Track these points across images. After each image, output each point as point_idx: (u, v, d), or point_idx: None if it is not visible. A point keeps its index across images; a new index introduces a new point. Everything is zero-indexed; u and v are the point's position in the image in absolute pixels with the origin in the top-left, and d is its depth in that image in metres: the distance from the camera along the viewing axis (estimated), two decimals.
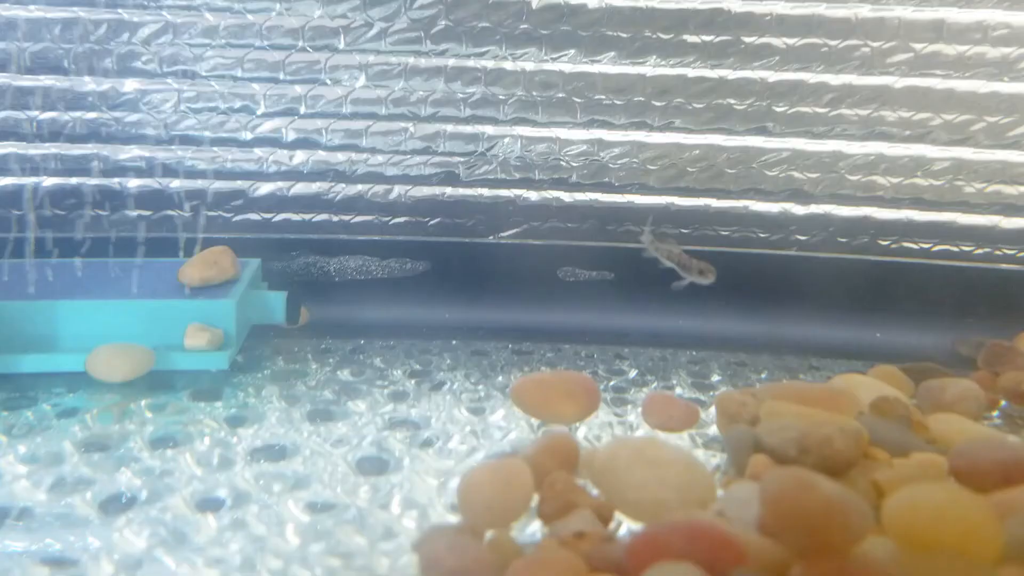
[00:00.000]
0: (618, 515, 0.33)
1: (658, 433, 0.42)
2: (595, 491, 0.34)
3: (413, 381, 0.48)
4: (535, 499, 0.33)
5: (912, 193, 0.60)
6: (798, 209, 0.62)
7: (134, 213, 0.61)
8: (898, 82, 0.59)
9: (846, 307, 0.60)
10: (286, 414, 0.43)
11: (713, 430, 0.42)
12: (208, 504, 0.35)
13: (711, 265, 0.55)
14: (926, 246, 0.61)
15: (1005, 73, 0.58)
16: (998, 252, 0.60)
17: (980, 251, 0.60)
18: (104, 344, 0.46)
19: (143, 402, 0.44)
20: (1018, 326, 0.56)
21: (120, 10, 0.58)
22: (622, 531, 0.33)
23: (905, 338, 0.58)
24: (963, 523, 0.28)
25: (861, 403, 0.42)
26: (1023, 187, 0.59)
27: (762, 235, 0.62)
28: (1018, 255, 0.60)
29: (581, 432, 0.43)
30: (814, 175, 0.61)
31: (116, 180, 0.60)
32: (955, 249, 0.61)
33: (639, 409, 0.44)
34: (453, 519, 0.34)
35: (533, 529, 0.33)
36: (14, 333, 0.47)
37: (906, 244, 0.61)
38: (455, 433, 0.42)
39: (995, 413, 0.46)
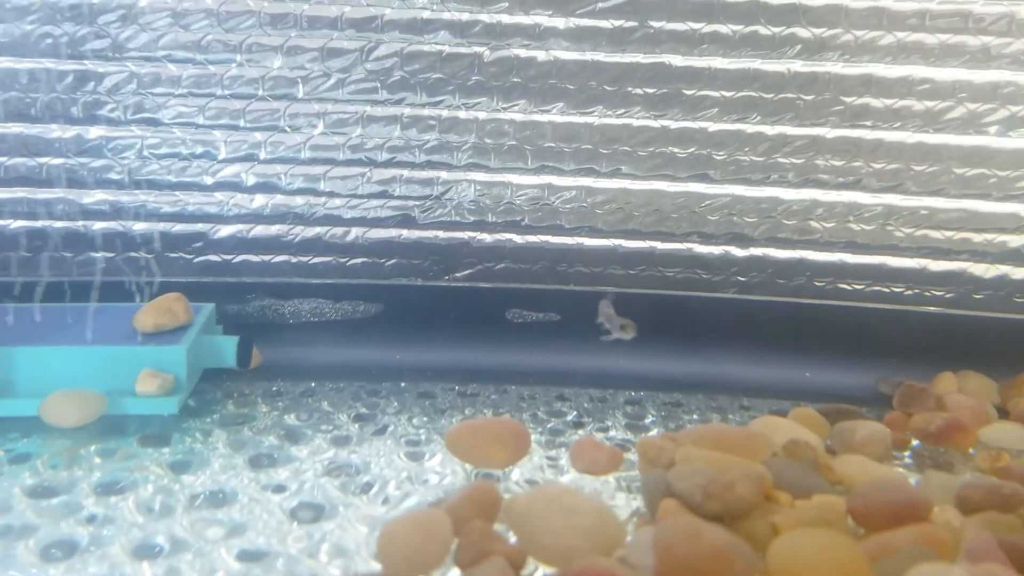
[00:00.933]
0: (533, 561, 0.36)
1: (585, 477, 0.45)
2: (513, 538, 0.37)
3: (357, 425, 0.50)
4: (455, 547, 0.35)
5: (845, 237, 0.63)
6: (738, 251, 0.64)
7: (99, 255, 0.63)
8: (830, 132, 0.61)
9: (780, 347, 0.62)
10: (229, 460, 0.45)
11: (639, 473, 0.44)
12: (145, 552, 0.37)
13: (631, 321, 0.58)
14: (859, 287, 0.64)
15: (930, 125, 0.60)
16: (927, 294, 0.63)
17: (910, 293, 0.63)
18: (58, 389, 0.49)
19: (93, 447, 0.46)
20: (941, 366, 0.58)
21: (86, 61, 0.60)
22: None
23: (833, 377, 0.60)
24: (837, 567, 0.31)
25: (775, 445, 0.44)
26: (949, 232, 0.62)
27: (705, 276, 0.65)
28: (946, 296, 0.63)
29: (515, 475, 0.45)
30: (753, 219, 0.63)
31: (81, 223, 0.63)
32: (887, 291, 0.63)
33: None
34: (374, 568, 0.36)
35: None
36: None
37: (840, 285, 0.64)
38: (391, 479, 0.44)
39: (907, 453, 0.49)
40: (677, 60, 0.61)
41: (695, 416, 0.53)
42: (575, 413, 0.53)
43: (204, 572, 0.35)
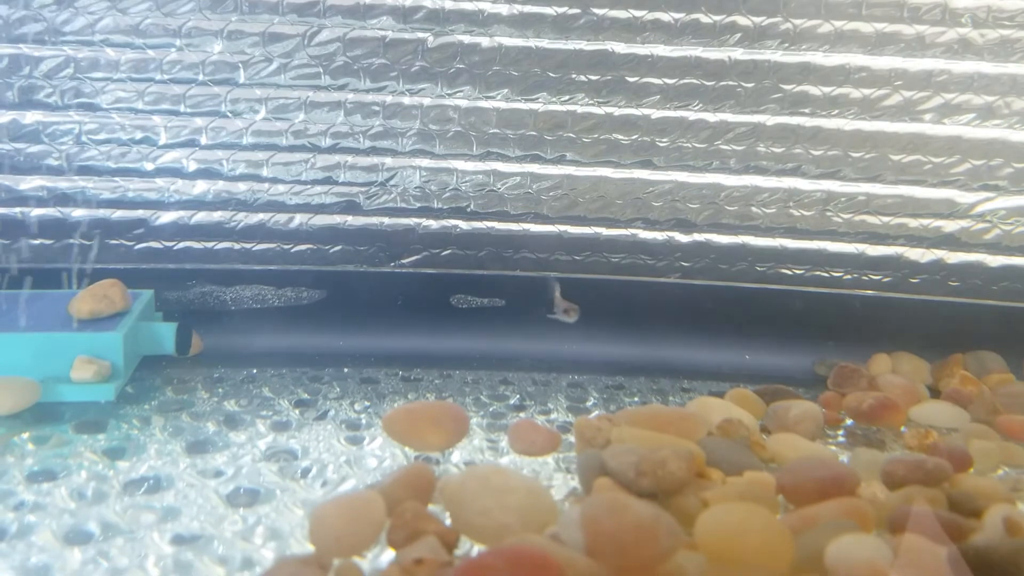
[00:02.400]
0: (466, 540, 0.36)
1: (523, 458, 0.45)
2: (448, 519, 0.37)
3: (298, 411, 0.50)
4: (387, 527, 0.36)
5: (786, 222, 0.64)
6: (682, 237, 0.65)
7: (36, 242, 0.62)
8: (770, 120, 0.62)
9: (721, 331, 0.63)
10: (165, 446, 0.45)
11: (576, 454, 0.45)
12: (75, 538, 0.36)
13: (575, 305, 0.59)
14: (799, 272, 0.65)
15: (867, 112, 0.61)
16: (865, 278, 0.64)
17: (848, 277, 0.64)
18: None
19: (26, 435, 0.45)
20: (877, 348, 0.60)
21: (21, 45, 0.59)
22: (473, 553, 0.36)
23: (772, 360, 0.61)
24: (760, 538, 0.32)
25: (711, 424, 0.45)
26: (886, 218, 0.63)
27: (649, 262, 0.65)
28: (883, 280, 0.64)
29: (455, 457, 0.45)
30: (695, 205, 0.64)
31: (18, 210, 0.62)
32: (826, 275, 0.64)
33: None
34: (311, 548, 0.36)
35: (388, 558, 0.35)
36: None
37: (781, 270, 0.65)
38: (330, 463, 0.44)
39: (840, 432, 0.50)
40: (620, 47, 0.62)
41: (636, 399, 0.54)
42: (518, 397, 0.54)
43: (135, 556, 0.35)
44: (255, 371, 0.56)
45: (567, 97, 0.63)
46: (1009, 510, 0.35)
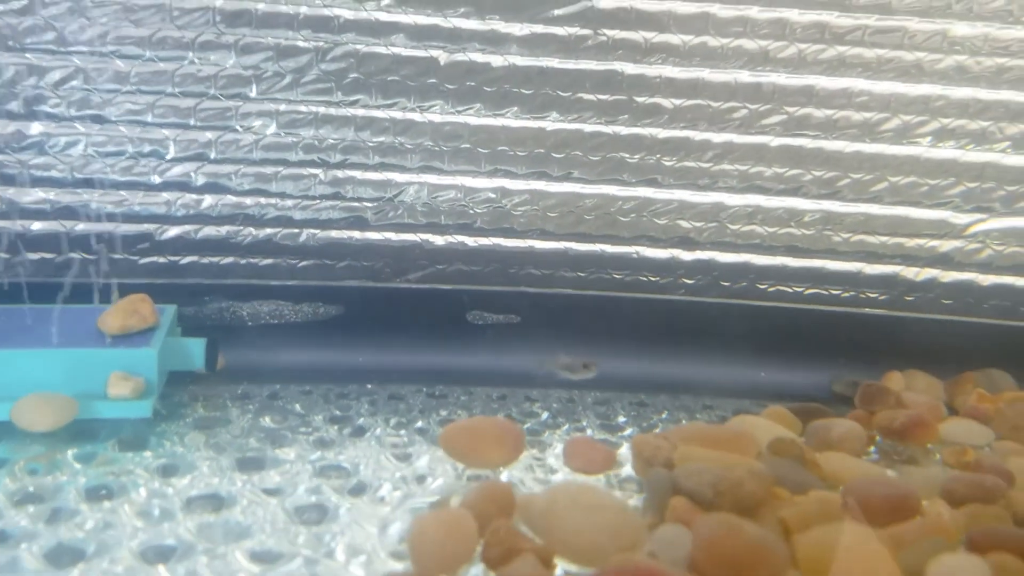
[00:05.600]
0: (556, 560, 0.36)
1: (578, 476, 0.46)
2: (533, 536, 0.37)
3: (335, 427, 0.50)
4: (480, 546, 0.36)
5: (786, 241, 0.66)
6: (685, 255, 0.66)
7: (36, 256, 0.60)
8: (773, 141, 0.64)
9: (732, 348, 0.65)
10: (215, 463, 0.44)
11: (626, 471, 0.46)
12: (156, 555, 0.36)
13: (593, 361, 0.61)
14: (799, 289, 0.67)
15: (867, 135, 0.64)
16: (862, 296, 0.67)
17: (847, 295, 0.67)
18: (24, 393, 0.47)
19: (69, 452, 0.44)
20: (883, 365, 0.62)
21: (28, 55, 0.58)
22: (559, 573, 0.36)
23: (787, 377, 0.63)
24: (865, 558, 0.33)
25: (759, 443, 0.46)
26: (883, 237, 0.66)
27: (652, 279, 0.67)
28: (880, 298, 0.67)
29: (504, 476, 0.45)
30: (699, 224, 0.66)
31: (20, 223, 0.60)
32: (825, 293, 0.67)
33: (556, 451, 0.47)
34: (401, 567, 0.36)
35: (477, 573, 0.36)
36: None
37: (782, 288, 0.67)
38: (385, 480, 0.44)
39: (872, 449, 0.52)
40: (629, 68, 0.63)
41: (665, 415, 0.55)
42: (548, 413, 0.54)
43: (224, 574, 0.34)
44: (278, 387, 0.55)
45: (575, 115, 0.64)
46: None
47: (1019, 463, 0.46)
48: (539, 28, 0.62)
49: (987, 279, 0.66)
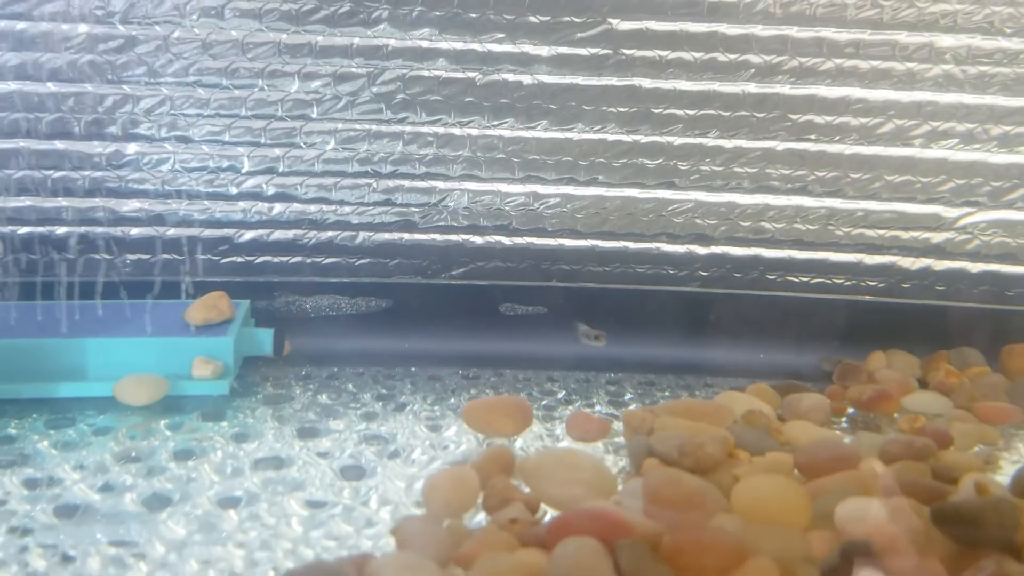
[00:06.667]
0: (544, 507, 0.44)
1: (578, 444, 0.54)
2: (527, 489, 0.45)
3: (380, 403, 0.59)
4: (481, 496, 0.44)
5: (793, 236, 0.72)
6: (700, 250, 0.73)
7: (134, 257, 0.71)
8: (779, 145, 0.70)
9: (737, 333, 0.72)
10: (279, 432, 0.53)
11: (620, 440, 0.53)
12: (228, 503, 0.45)
13: (602, 332, 0.68)
14: (805, 280, 0.73)
15: (865, 138, 0.70)
16: (863, 284, 0.73)
17: (848, 283, 0.73)
18: (122, 375, 0.57)
19: (162, 422, 0.54)
20: (874, 346, 0.68)
21: (124, 86, 0.68)
22: (547, 518, 0.44)
23: (783, 358, 0.70)
24: (783, 502, 0.40)
25: (735, 414, 0.53)
26: (881, 230, 0.72)
27: (671, 272, 0.74)
28: (879, 286, 0.73)
29: (519, 443, 0.54)
30: (713, 221, 0.72)
31: (119, 229, 0.70)
32: (829, 282, 0.73)
33: (564, 424, 0.55)
34: (419, 512, 0.45)
35: (479, 518, 0.44)
36: (49, 365, 0.58)
37: (789, 278, 0.73)
38: (417, 446, 0.52)
39: (843, 419, 0.59)
40: (647, 83, 0.70)
41: (667, 393, 0.62)
42: (564, 392, 0.62)
43: (279, 517, 0.44)
44: (335, 369, 0.64)
45: (599, 127, 0.71)
46: (979, 477, 0.43)
47: (962, 428, 0.52)
48: (564, 49, 0.69)
49: (976, 267, 0.72)
